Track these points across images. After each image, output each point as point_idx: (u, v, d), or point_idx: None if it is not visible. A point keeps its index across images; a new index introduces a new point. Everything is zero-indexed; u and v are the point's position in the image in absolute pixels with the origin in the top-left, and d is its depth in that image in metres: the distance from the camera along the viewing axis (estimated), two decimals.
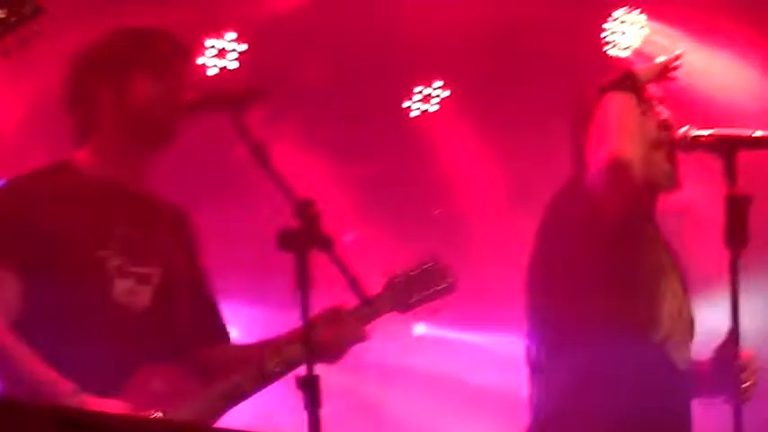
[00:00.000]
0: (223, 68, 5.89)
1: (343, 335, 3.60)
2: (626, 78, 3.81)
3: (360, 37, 6.05)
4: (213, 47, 5.83)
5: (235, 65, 5.88)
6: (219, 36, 5.89)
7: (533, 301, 3.88)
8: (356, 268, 3.08)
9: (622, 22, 6.66)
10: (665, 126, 3.77)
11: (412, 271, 3.77)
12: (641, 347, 3.66)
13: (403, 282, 3.76)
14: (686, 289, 3.86)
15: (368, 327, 3.67)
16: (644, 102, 3.79)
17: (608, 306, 3.71)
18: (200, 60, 5.81)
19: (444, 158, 6.90)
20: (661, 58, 3.96)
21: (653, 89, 3.84)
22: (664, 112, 3.82)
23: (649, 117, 3.78)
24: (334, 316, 3.57)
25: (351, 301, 3.43)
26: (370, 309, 3.64)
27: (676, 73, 4.07)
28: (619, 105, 3.81)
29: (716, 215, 3.61)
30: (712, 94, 6.40)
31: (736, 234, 3.49)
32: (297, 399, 2.92)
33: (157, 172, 3.73)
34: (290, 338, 3.55)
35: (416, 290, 3.81)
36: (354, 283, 3.09)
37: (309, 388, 3.01)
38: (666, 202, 3.98)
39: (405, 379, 7.24)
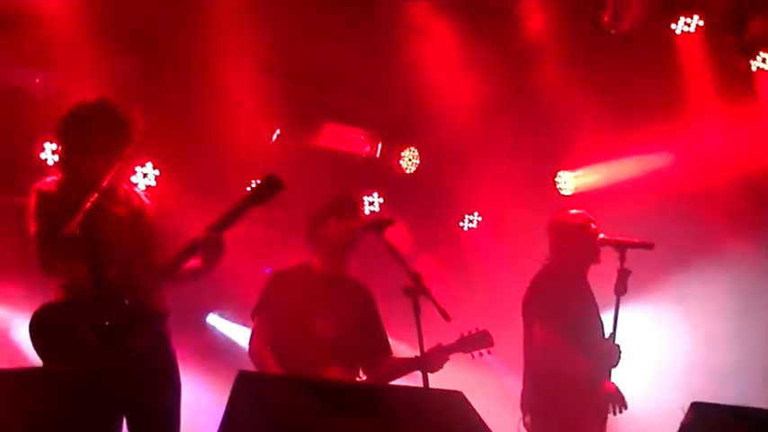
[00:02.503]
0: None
1: (441, 360, 4.67)
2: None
3: (437, 191, 8.42)
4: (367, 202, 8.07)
5: (376, 208, 8.06)
6: (369, 194, 8.12)
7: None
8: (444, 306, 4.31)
9: (562, 177, 8.79)
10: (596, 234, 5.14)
11: (472, 333, 4.83)
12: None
13: (468, 337, 4.86)
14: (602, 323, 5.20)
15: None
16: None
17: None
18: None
19: (478, 252, 8.61)
20: None
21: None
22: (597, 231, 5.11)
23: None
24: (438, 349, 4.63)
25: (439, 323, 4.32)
26: (454, 348, 4.71)
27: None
28: None
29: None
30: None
31: (620, 288, 5.07)
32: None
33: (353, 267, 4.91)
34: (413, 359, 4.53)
35: (474, 344, 4.89)
36: (444, 314, 4.29)
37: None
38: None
39: None
